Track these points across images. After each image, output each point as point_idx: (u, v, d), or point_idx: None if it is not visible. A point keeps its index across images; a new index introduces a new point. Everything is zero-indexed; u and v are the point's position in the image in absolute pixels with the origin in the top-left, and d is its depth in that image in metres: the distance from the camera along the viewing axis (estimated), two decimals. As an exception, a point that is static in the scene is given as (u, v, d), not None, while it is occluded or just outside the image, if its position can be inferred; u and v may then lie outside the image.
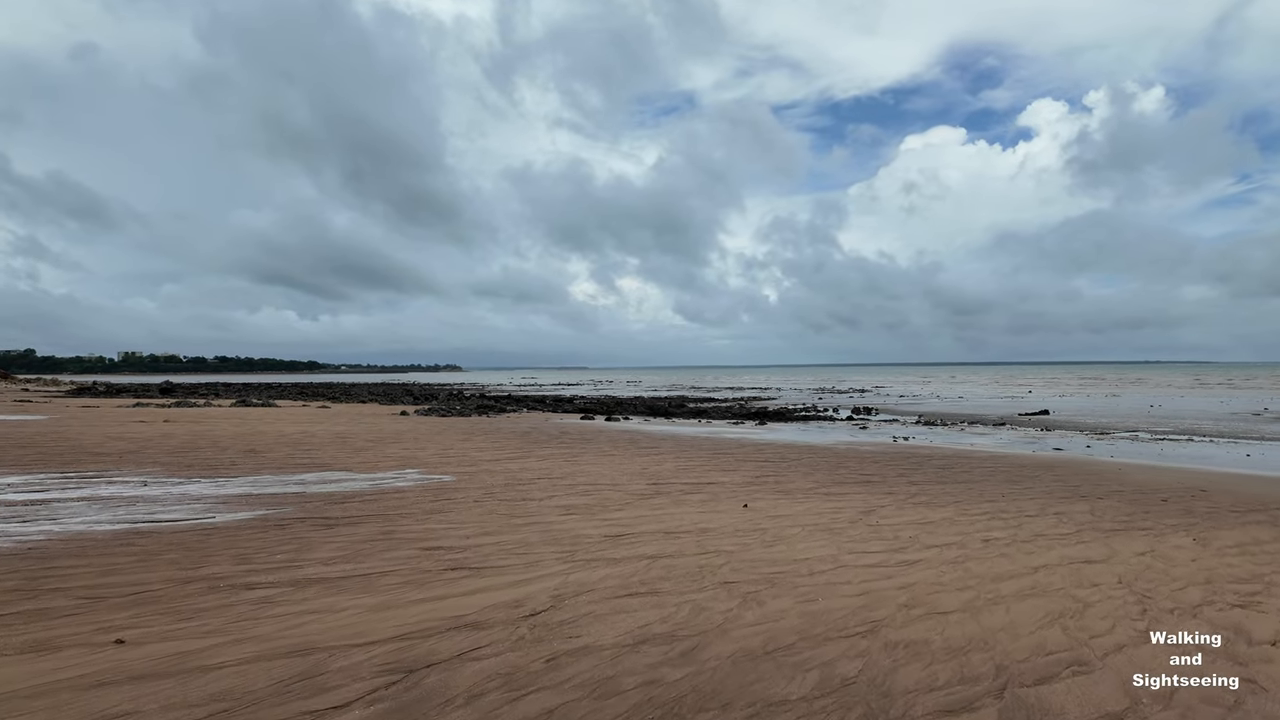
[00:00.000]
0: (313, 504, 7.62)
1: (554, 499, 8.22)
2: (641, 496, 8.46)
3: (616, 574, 5.06)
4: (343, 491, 8.48)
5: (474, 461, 11.77)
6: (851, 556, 5.69)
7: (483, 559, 5.44)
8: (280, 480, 9.30)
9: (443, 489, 8.82)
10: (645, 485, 9.36)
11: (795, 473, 10.86)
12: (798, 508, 7.86)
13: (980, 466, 11.91)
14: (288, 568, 5.10)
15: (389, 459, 11.89)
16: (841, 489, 9.30)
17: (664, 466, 11.40)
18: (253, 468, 10.48)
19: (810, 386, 59.10)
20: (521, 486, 9.12)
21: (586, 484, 9.41)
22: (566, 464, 11.61)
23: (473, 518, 7.05)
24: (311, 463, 11.20)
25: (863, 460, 12.65)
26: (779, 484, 9.66)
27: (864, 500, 8.42)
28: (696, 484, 9.53)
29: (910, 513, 7.69)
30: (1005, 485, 9.92)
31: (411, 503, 7.81)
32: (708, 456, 12.93)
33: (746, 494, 8.75)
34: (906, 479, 10.32)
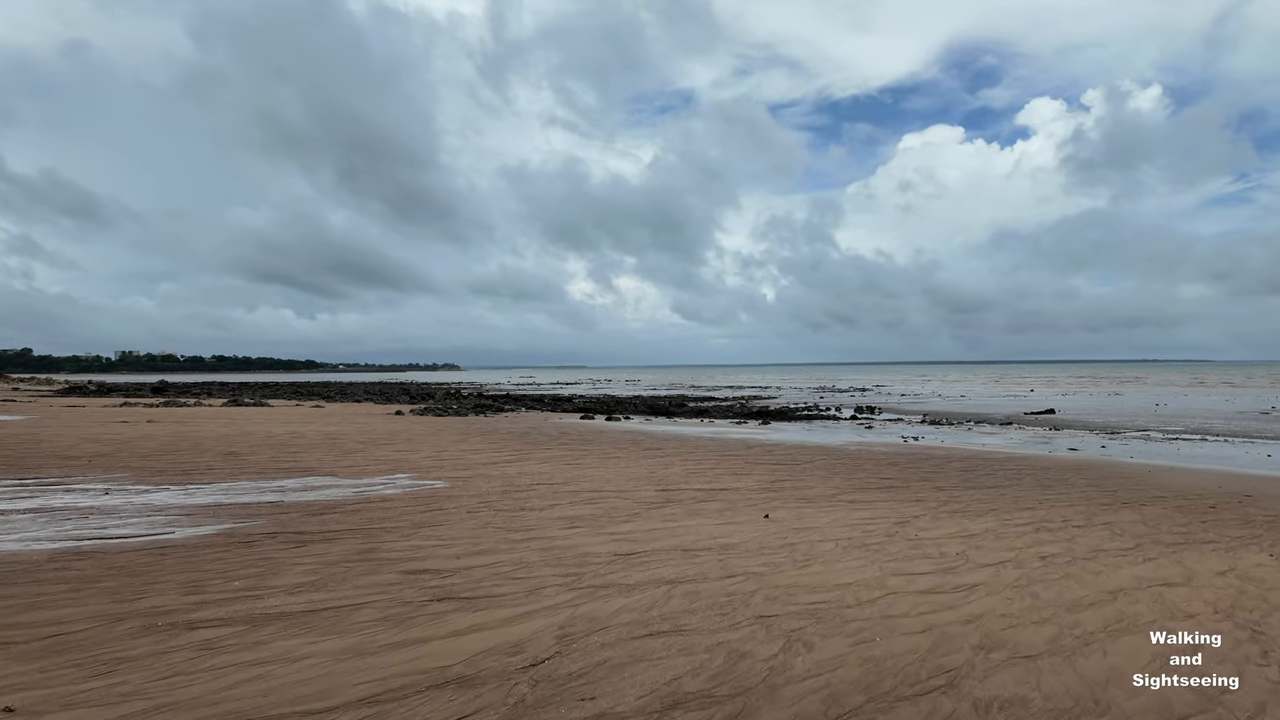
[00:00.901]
0: (288, 515, 6.80)
1: (556, 508, 7.42)
2: (651, 505, 7.67)
3: (632, 605, 4.27)
4: (324, 500, 7.66)
5: (469, 465, 10.95)
6: (899, 580, 4.91)
7: (475, 585, 4.63)
8: (257, 487, 8.47)
9: (434, 497, 8.01)
10: (654, 492, 8.57)
11: (812, 477, 10.09)
12: (824, 518, 7.08)
13: (1003, 469, 11.16)
14: (245, 598, 4.28)
15: (379, 462, 11.07)
16: (866, 496, 8.52)
17: (672, 470, 10.61)
18: (230, 472, 9.64)
19: (810, 385, 58.32)
20: (520, 494, 8.31)
21: (591, 490, 8.61)
22: (568, 467, 10.81)
23: (465, 532, 6.24)
24: (295, 466, 10.36)
25: (879, 463, 11.89)
26: (798, 490, 8.88)
27: (893, 509, 7.65)
28: (709, 490, 8.74)
29: (948, 523, 6.92)
30: (1038, 490, 9.17)
31: (398, 514, 7.00)
32: (716, 459, 12.15)
33: (765, 502, 7.97)
34: (931, 484, 9.56)
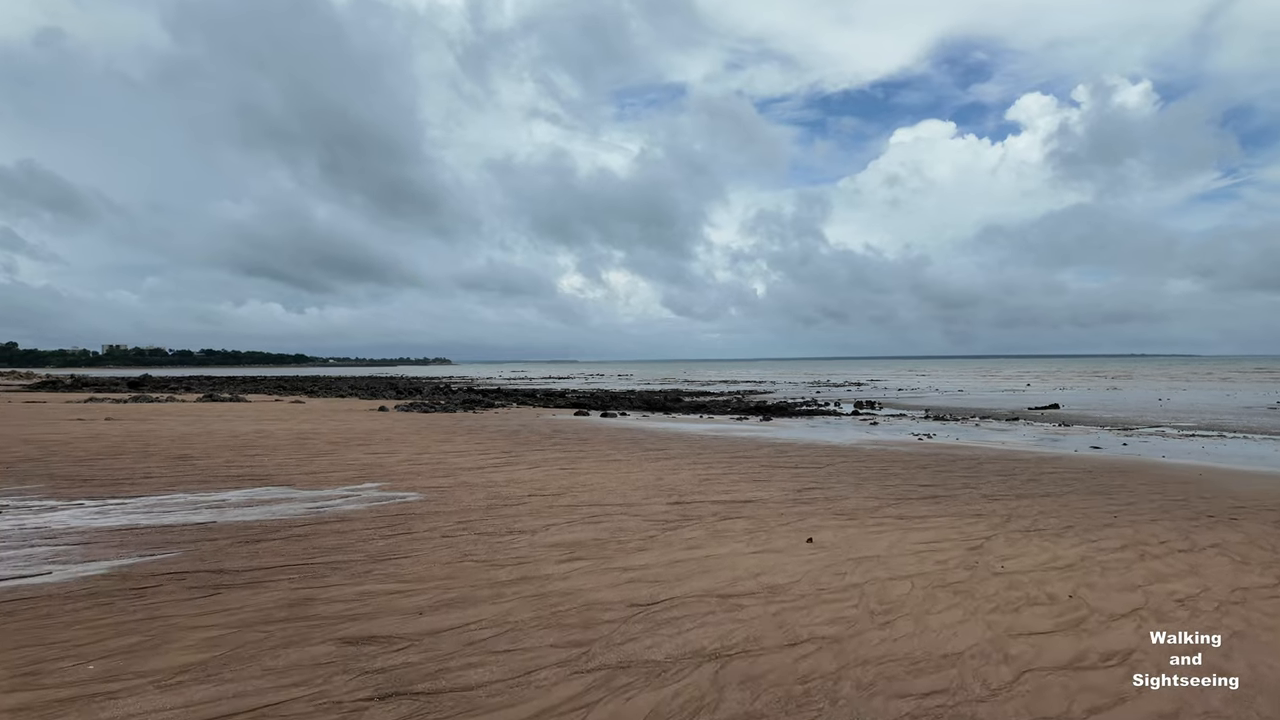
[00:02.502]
0: (214, 543, 5.30)
1: (551, 530, 5.98)
2: (666, 524, 6.25)
3: (669, 707, 2.84)
4: (267, 520, 6.16)
5: (451, 470, 9.47)
6: (1024, 646, 3.53)
7: (439, 667, 3.18)
8: (193, 502, 6.95)
9: (404, 514, 6.53)
10: (666, 505, 7.15)
11: (841, 484, 8.72)
12: (879, 542, 5.70)
13: (1045, 473, 9.87)
14: (89, 699, 2.81)
15: (348, 468, 9.55)
16: (913, 509, 7.17)
17: (681, 476, 9.20)
18: (169, 481, 8.09)
19: (804, 380, 57.12)
20: (508, 509, 6.86)
21: (591, 503, 7.18)
22: (563, 472, 9.36)
23: (437, 568, 4.79)
24: (248, 474, 8.83)
25: (907, 466, 10.56)
26: (831, 502, 7.50)
27: (954, 527, 6.29)
28: (730, 502, 7.34)
29: (1030, 549, 5.57)
30: (1099, 499, 7.87)
31: (356, 540, 5.53)
32: (728, 462, 10.75)
33: (799, 518, 6.58)
34: (976, 491, 8.23)
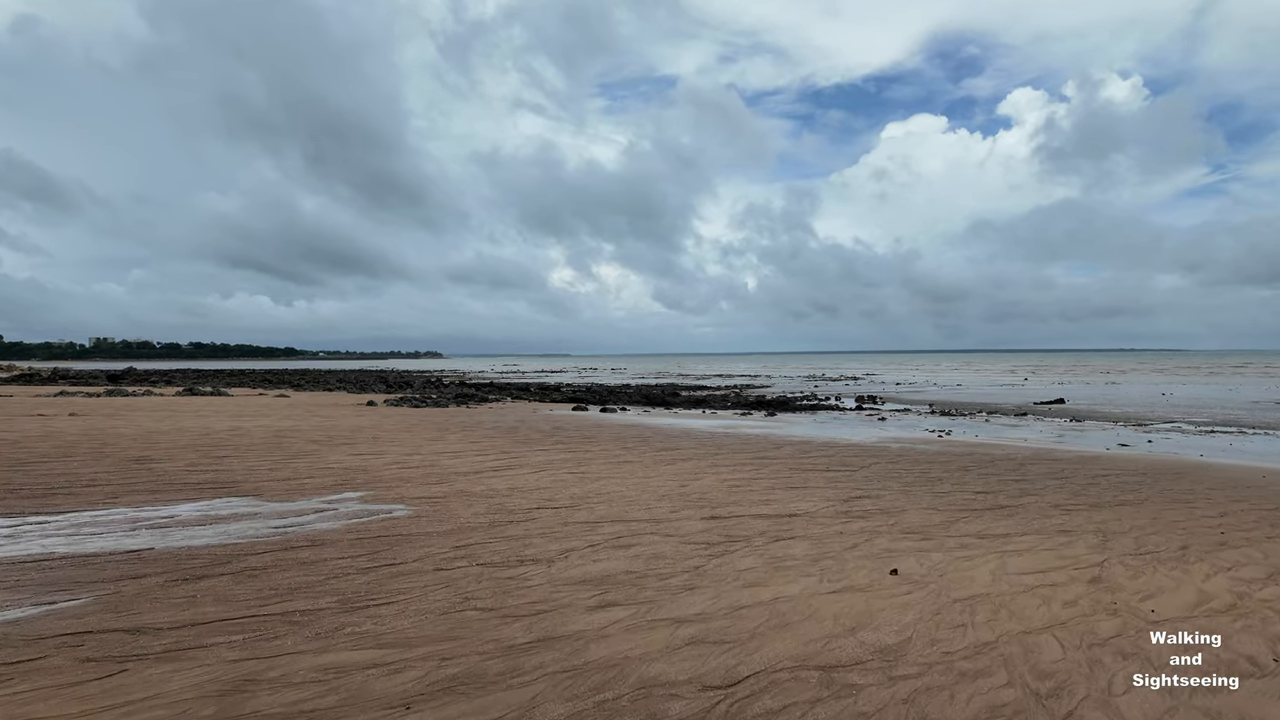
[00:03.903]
0: (140, 585, 4.06)
1: (570, 558, 4.80)
2: (709, 549, 5.09)
3: None
4: (219, 546, 4.92)
5: (445, 475, 8.25)
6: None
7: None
8: (134, 519, 5.68)
9: (388, 537, 5.32)
10: (700, 520, 5.99)
11: (886, 491, 7.61)
12: (976, 573, 4.58)
13: (1097, 475, 8.84)
14: None
15: (327, 472, 8.30)
16: (984, 523, 6.07)
17: (705, 481, 8.05)
18: (114, 491, 6.81)
19: (798, 374, 56.18)
20: (515, 527, 5.66)
21: (612, 519, 6.00)
22: (572, 478, 8.18)
23: (430, 622, 3.59)
24: (211, 481, 7.55)
25: (946, 468, 9.49)
26: (889, 515, 6.39)
27: (1051, 549, 5.19)
28: (774, 517, 6.20)
29: (1159, 579, 4.48)
30: (1178, 508, 6.85)
31: (327, 575, 4.31)
32: (753, 464, 9.62)
33: (864, 538, 5.46)
34: (1041, 499, 7.16)
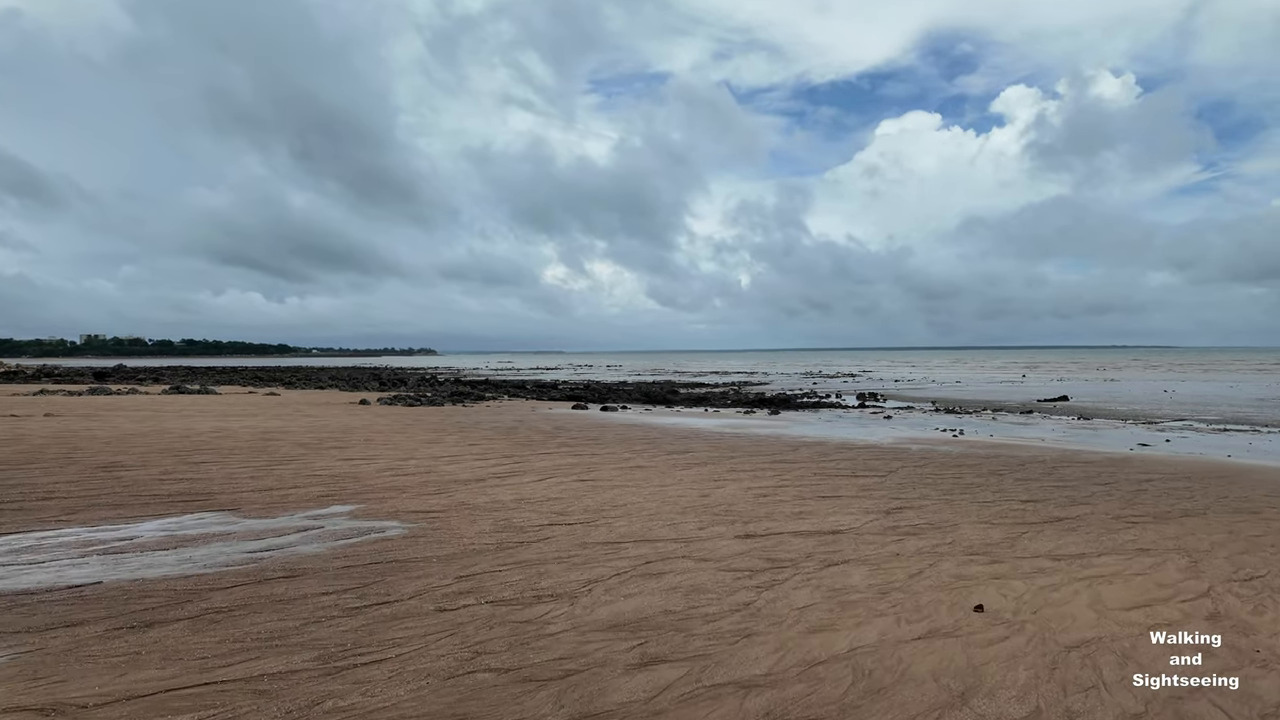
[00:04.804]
0: (74, 635, 3.28)
1: (595, 593, 4.05)
2: (753, 577, 4.35)
3: None
4: (179, 577, 4.14)
5: (444, 484, 7.48)
6: None
7: None
8: (84, 541, 4.87)
9: (380, 562, 4.55)
10: (735, 540, 5.27)
11: (927, 501, 6.91)
12: (1072, 608, 3.88)
13: (1141, 481, 8.20)
14: None
15: (314, 481, 7.50)
16: (1050, 540, 5.38)
17: (728, 490, 7.33)
18: (71, 505, 5.99)
19: (795, 371, 55.50)
20: (526, 551, 4.91)
21: (635, 537, 5.26)
22: (583, 485, 7.43)
23: (431, 689, 2.83)
24: (184, 491, 6.74)
25: (976, 472, 8.82)
26: (940, 530, 5.68)
27: (1140, 572, 4.50)
28: (815, 534, 5.47)
29: (1284, 616, 3.81)
30: (1248, 520, 6.20)
31: (305, 619, 3.54)
32: (772, 468, 8.90)
33: (926, 561, 4.74)
34: (1096, 508, 6.50)
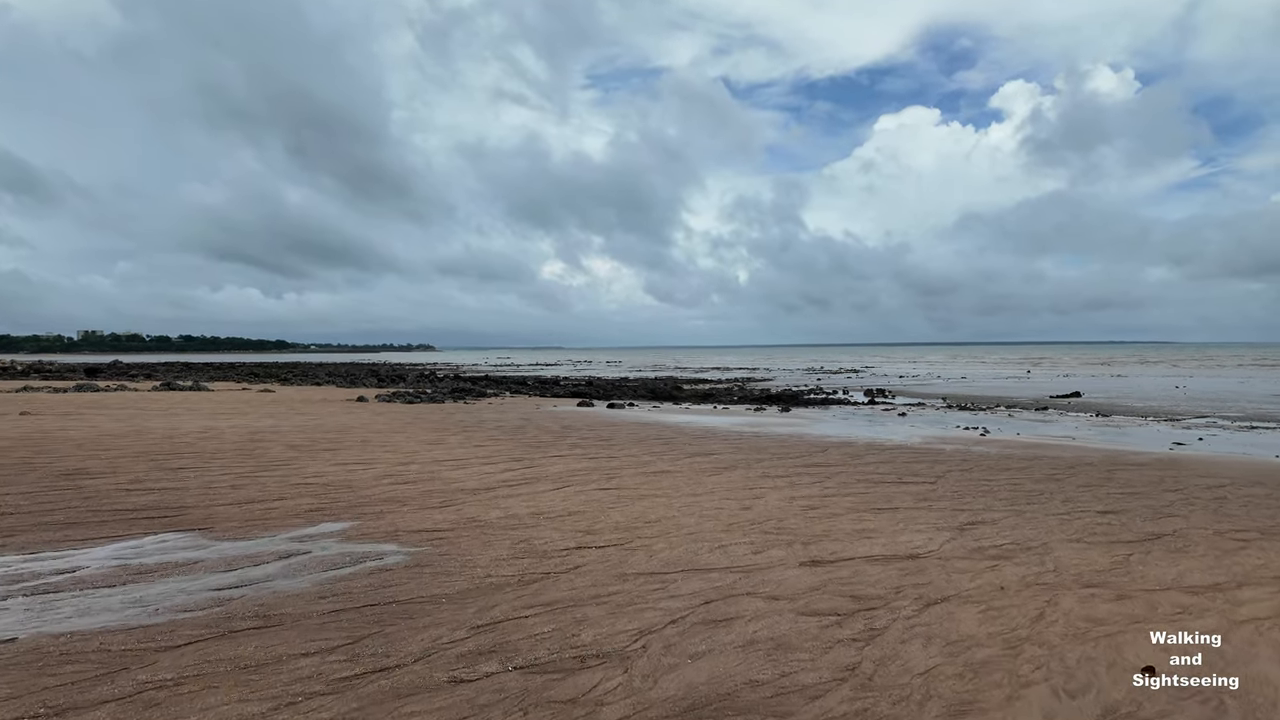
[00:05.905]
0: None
1: (651, 649, 3.15)
2: (844, 626, 3.46)
3: None
4: (120, 632, 3.22)
5: (449, 493, 6.57)
6: None
7: None
8: (12, 576, 3.94)
9: (376, 604, 3.64)
10: (800, 568, 4.38)
11: (993, 512, 6.05)
12: (1257, 667, 3.02)
13: (1215, 488, 7.34)
14: None
15: (303, 491, 6.58)
16: (1164, 566, 4.51)
17: (769, 500, 6.45)
18: (12, 525, 5.04)
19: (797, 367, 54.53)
20: (553, 584, 4.01)
21: (682, 565, 4.37)
22: (606, 495, 6.53)
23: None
24: (154, 503, 5.81)
25: (1028, 475, 7.94)
26: (1033, 551, 4.80)
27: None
28: (888, 558, 4.60)
29: None
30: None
31: (275, 700, 2.61)
32: (806, 471, 8.01)
33: (1043, 598, 3.86)
34: (1189, 521, 5.64)
